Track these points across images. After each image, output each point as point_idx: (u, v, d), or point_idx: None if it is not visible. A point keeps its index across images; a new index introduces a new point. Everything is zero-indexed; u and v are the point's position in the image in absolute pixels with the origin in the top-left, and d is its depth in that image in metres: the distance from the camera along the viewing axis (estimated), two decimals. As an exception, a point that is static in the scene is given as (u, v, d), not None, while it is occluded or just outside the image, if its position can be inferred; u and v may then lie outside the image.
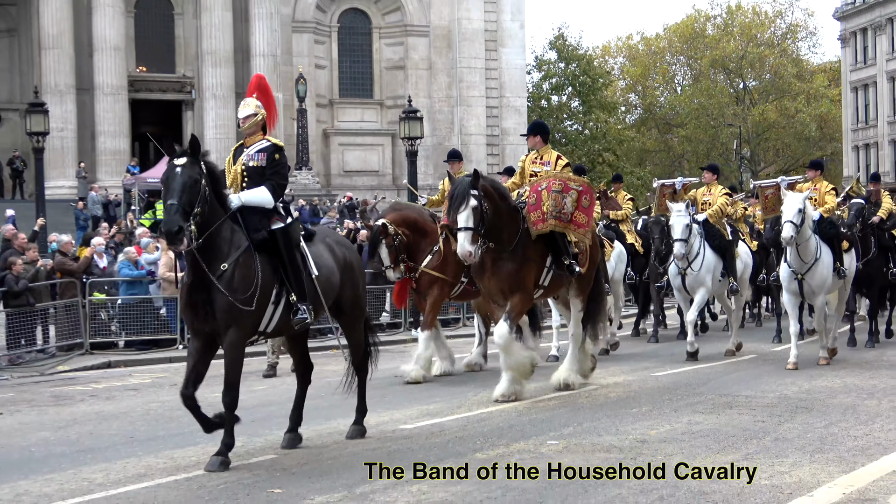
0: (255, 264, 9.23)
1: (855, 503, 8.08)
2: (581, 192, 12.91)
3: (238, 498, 8.72)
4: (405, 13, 43.45)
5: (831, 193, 17.21)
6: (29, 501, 8.78)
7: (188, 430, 12.21)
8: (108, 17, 37.98)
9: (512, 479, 9.11)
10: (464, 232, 11.91)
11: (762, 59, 72.28)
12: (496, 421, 12.29)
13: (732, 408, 12.80)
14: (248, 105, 9.99)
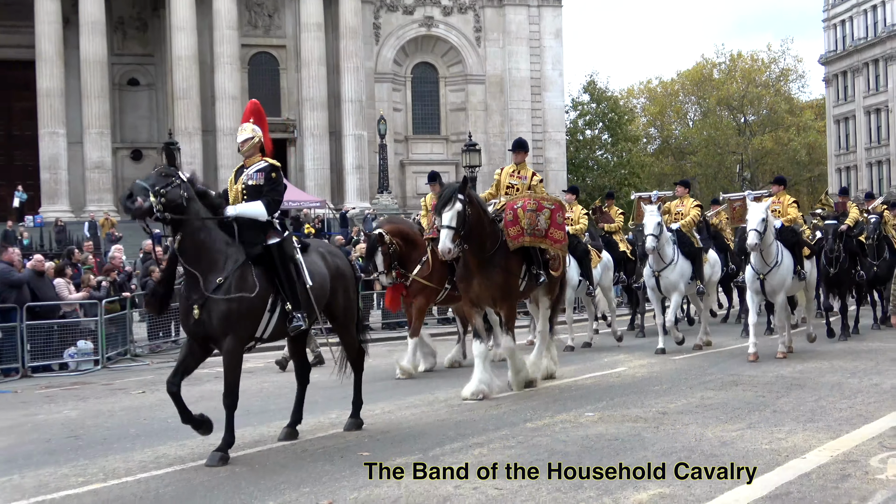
0: (251, 277, 8.60)
1: (841, 464, 8.02)
2: (554, 210, 12.21)
3: (334, 460, 8.74)
4: (466, 65, 43.51)
5: (793, 206, 16.49)
6: (166, 462, 8.91)
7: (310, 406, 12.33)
8: (226, 73, 38.38)
9: (556, 445, 9.10)
10: (446, 230, 11.13)
11: (760, 97, 72.36)
12: (542, 397, 12.32)
13: (738, 385, 12.76)
14: (245, 130, 9.32)
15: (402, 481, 7.84)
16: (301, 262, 9.11)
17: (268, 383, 14.67)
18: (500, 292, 11.83)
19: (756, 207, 14.76)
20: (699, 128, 72.38)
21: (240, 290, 8.40)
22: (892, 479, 7.47)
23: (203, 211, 8.52)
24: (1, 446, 10.27)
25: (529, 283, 12.32)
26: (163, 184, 8.14)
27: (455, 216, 11.09)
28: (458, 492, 7.43)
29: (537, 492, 7.35)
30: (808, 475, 7.68)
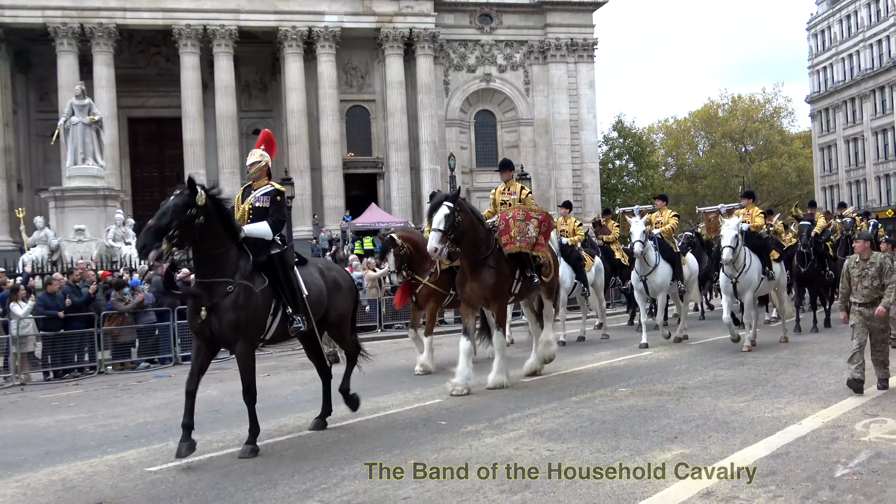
0: (256, 284, 7.84)
1: (831, 429, 7.93)
2: (541, 220, 11.18)
3: (417, 428, 8.77)
4: (517, 111, 43.46)
5: (760, 216, 15.55)
6: (287, 430, 9.02)
7: (384, 385, 12.39)
8: (329, 123, 38.76)
9: (596, 414, 9.06)
10: (434, 232, 10.13)
11: (757, 131, 71.69)
12: (583, 376, 12.26)
13: (743, 365, 12.57)
14: (254, 154, 8.55)
15: (474, 444, 7.87)
16: (297, 273, 8.35)
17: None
18: (491, 293, 10.78)
19: (729, 225, 13.92)
20: (707, 157, 71.71)
21: (247, 298, 7.66)
22: (874, 441, 7.38)
23: (220, 230, 7.70)
24: (160, 419, 10.49)
25: (524, 285, 11.22)
26: (178, 221, 7.27)
27: (443, 220, 10.10)
28: (517, 453, 7.44)
29: (581, 452, 7.33)
30: (804, 438, 7.59)
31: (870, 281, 9.45)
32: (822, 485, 6.11)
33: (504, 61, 43.43)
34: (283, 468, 7.28)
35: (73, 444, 9.07)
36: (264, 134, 9.01)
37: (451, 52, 42.56)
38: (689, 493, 6.02)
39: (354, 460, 7.41)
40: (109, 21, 36.86)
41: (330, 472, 7.05)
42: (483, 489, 6.30)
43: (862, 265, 9.59)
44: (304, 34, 38.64)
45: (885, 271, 9.44)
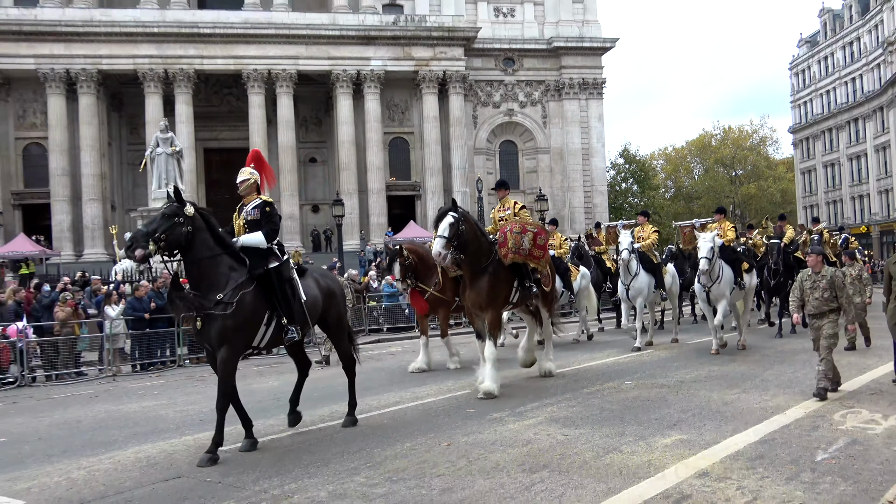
0: (247, 296, 7.16)
1: (812, 418, 7.79)
2: (536, 233, 10.32)
3: (450, 414, 8.74)
4: (536, 141, 43.41)
5: (731, 230, 14.94)
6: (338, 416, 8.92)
7: (421, 378, 12.39)
8: (374, 152, 38.95)
9: (605, 404, 8.99)
10: (439, 238, 9.45)
11: (745, 157, 71.08)
12: (594, 371, 12.13)
13: (734, 362, 12.38)
14: (243, 172, 7.88)
15: (498, 429, 7.84)
16: (297, 281, 7.76)
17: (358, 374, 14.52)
18: (487, 299, 9.89)
19: (705, 239, 13.16)
20: (702, 180, 71.10)
21: (236, 308, 6.99)
22: (851, 429, 7.25)
23: (209, 240, 7.15)
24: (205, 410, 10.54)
25: (523, 293, 10.41)
26: (164, 226, 6.85)
27: (447, 228, 9.43)
28: (536, 437, 7.40)
29: (592, 437, 7.27)
30: (788, 426, 7.48)
31: (820, 293, 8.84)
32: (804, 467, 6.02)
33: (524, 98, 43.42)
34: (334, 449, 7.31)
35: (156, 426, 9.16)
36: (253, 153, 8.40)
37: (479, 91, 42.63)
38: (687, 473, 5.95)
39: (395, 442, 7.41)
40: (189, 67, 37.39)
41: (374, 452, 7.06)
42: (507, 468, 6.28)
43: (814, 278, 8.97)
44: (353, 76, 38.92)
45: (836, 285, 8.83)
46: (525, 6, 43.57)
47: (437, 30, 39.77)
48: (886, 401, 8.55)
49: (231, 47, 37.81)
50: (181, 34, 37.18)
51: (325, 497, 5.71)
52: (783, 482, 5.65)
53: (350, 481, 6.10)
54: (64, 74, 36.44)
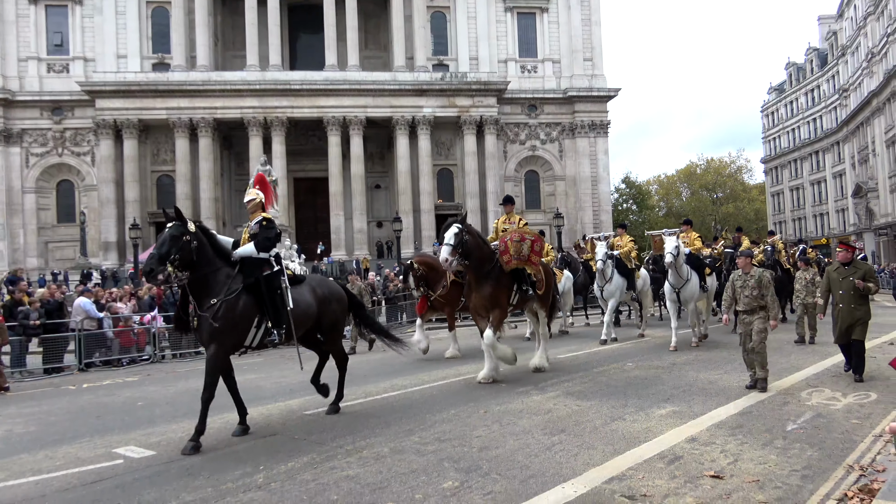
0: (239, 302, 6.38)
1: (783, 395, 7.56)
2: (534, 241, 9.49)
3: (485, 387, 8.65)
4: (554, 171, 43.05)
5: (698, 239, 14.03)
6: (399, 388, 8.94)
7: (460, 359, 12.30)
8: (425, 180, 39.03)
9: (611, 381, 8.82)
10: (446, 246, 8.72)
11: (725, 183, 69.61)
12: (601, 354, 11.90)
13: (717, 348, 12.04)
14: (250, 193, 7.30)
15: (524, 400, 7.74)
16: (286, 290, 6.79)
17: (378, 357, 14.18)
18: (491, 302, 9.09)
19: (669, 240, 12.36)
20: (689, 201, 69.58)
21: (227, 311, 6.25)
22: (815, 405, 6.99)
23: (210, 253, 6.41)
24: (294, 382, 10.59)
25: (521, 296, 9.52)
26: (176, 247, 6.10)
27: (453, 237, 8.69)
28: (555, 407, 7.29)
29: (601, 408, 7.14)
30: (763, 402, 7.24)
31: (750, 291, 8.04)
32: (777, 435, 5.82)
33: (545, 136, 43.10)
34: (394, 414, 7.29)
35: (255, 395, 9.25)
36: (258, 177, 7.49)
37: (508, 131, 42.44)
38: (679, 438, 5.80)
39: (442, 409, 7.37)
40: (282, 115, 38.00)
41: (426, 417, 7.03)
42: (532, 431, 6.20)
43: (744, 278, 8.17)
44: (409, 121, 39.11)
45: (763, 284, 8.01)
46: (545, 64, 43.36)
47: (475, 84, 39.77)
48: (845, 382, 8.23)
49: (315, 99, 38.33)
50: (277, 90, 37.83)
51: (387, 452, 5.70)
52: (759, 447, 5.47)
53: (406, 440, 6.08)
54: (188, 122, 37.39)
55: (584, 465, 5.12)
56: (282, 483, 5.00)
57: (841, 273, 8.49)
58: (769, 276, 8.16)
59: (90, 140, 38.56)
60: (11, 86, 37.89)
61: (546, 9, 43.56)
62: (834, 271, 8.64)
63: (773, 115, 71.04)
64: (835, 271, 8.62)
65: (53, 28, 39.07)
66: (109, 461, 5.88)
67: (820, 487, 4.54)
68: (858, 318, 8.26)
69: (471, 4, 42.27)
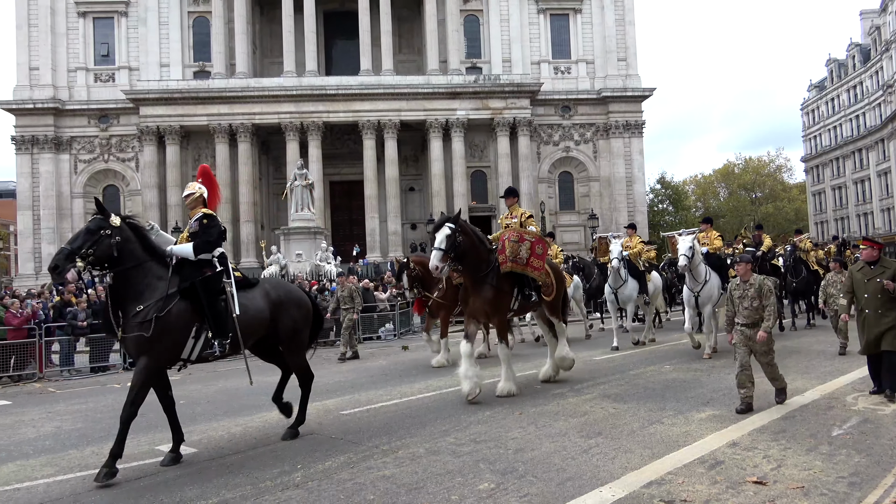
0: (171, 308, 5.51)
1: (827, 400, 7.28)
2: (534, 242, 8.37)
3: (521, 390, 8.57)
4: (588, 171, 42.50)
5: (718, 238, 12.74)
6: (433, 388, 8.90)
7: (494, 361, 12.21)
8: (459, 182, 38.98)
9: (648, 384, 8.64)
10: (436, 251, 7.68)
11: (764, 182, 67.92)
12: (639, 357, 11.67)
13: (757, 351, 11.67)
14: (191, 187, 6.31)
15: (560, 402, 7.65)
16: (232, 295, 5.93)
17: (382, 365, 14.17)
18: (491, 307, 8.07)
19: (683, 240, 11.26)
20: (727, 202, 68.04)
21: (158, 319, 5.40)
22: (862, 410, 6.73)
23: (139, 250, 5.63)
24: (349, 379, 10.68)
25: (524, 301, 8.43)
26: (91, 242, 5.38)
27: (444, 240, 7.63)
28: (591, 409, 7.18)
29: (638, 411, 7.00)
30: (806, 406, 7.01)
31: (749, 301, 7.01)
32: (822, 441, 5.62)
33: (579, 137, 42.67)
34: (430, 415, 7.28)
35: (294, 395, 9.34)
36: (202, 169, 6.77)
37: (542, 133, 42.12)
38: (720, 442, 5.65)
39: (478, 410, 7.33)
40: (319, 119, 38.45)
41: (461, 418, 7.00)
42: (568, 434, 6.11)
43: (743, 287, 7.11)
44: (443, 124, 39.16)
45: (763, 292, 6.98)
46: (579, 65, 42.94)
47: (508, 86, 39.62)
48: (893, 386, 7.90)
49: (350, 104, 38.68)
50: (313, 95, 38.29)
51: (423, 452, 5.68)
52: (804, 452, 5.29)
53: (442, 441, 6.05)
54: (227, 128, 38.11)
55: (621, 469, 5.02)
56: (319, 482, 5.02)
57: (866, 273, 7.32)
58: (770, 285, 7.15)
59: (134, 146, 39.62)
60: (61, 95, 39.19)
61: (579, 10, 43.17)
62: (858, 271, 7.47)
63: (813, 113, 69.24)
64: (859, 271, 7.45)
65: (100, 39, 40.29)
66: (153, 458, 5.99)
67: (868, 495, 4.36)
68: (888, 325, 7.03)
69: (504, 7, 42.14)
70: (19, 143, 38.80)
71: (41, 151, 38.91)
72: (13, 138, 38.92)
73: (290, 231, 27.29)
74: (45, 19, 39.25)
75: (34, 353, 13.18)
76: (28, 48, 39.01)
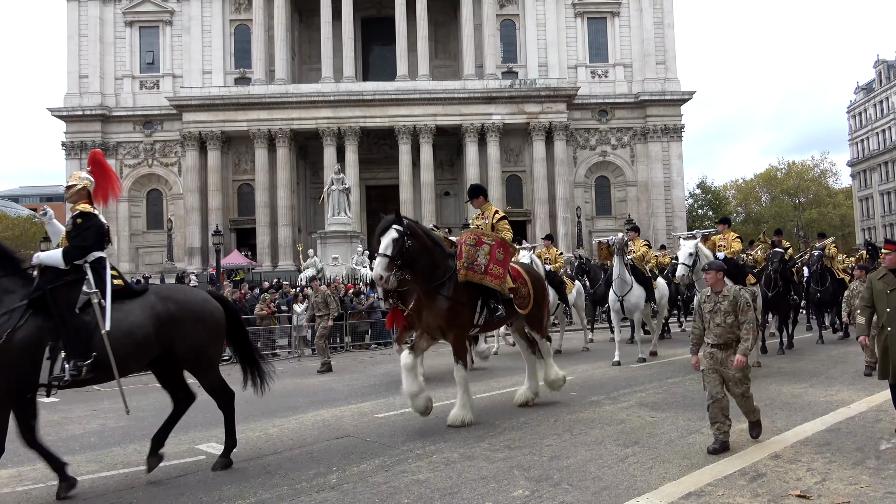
0: (20, 322, 4.66)
1: (875, 412, 7.01)
2: (493, 246, 7.07)
3: (555, 397, 8.46)
4: (625, 176, 42.02)
5: (737, 241, 11.11)
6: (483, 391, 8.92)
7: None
8: (494, 186, 38.89)
9: (687, 393, 8.47)
10: (380, 257, 6.50)
11: (808, 187, 65.88)
12: (676, 364, 11.43)
13: (801, 360, 11.39)
14: (73, 177, 5.35)
15: (596, 410, 7.55)
16: (102, 308, 4.91)
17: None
18: (445, 321, 6.81)
19: (684, 245, 9.90)
20: (769, 207, 66.24)
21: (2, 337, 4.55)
22: (913, 423, 6.43)
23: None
24: (384, 382, 10.66)
25: (489, 316, 7.08)
26: None
27: (390, 244, 6.49)
28: (628, 417, 7.07)
29: (676, 420, 6.87)
30: (853, 418, 6.77)
31: (722, 317, 5.74)
32: (868, 454, 5.42)
33: (616, 142, 42.22)
34: (464, 420, 7.24)
35: (328, 396, 9.43)
36: (91, 155, 5.61)
37: (578, 137, 41.81)
38: (761, 454, 5.50)
39: (512, 416, 7.28)
40: (355, 124, 38.89)
41: (496, 423, 6.96)
42: (604, 442, 6.03)
43: (714, 299, 5.85)
44: (478, 128, 39.19)
45: (739, 306, 5.72)
46: (616, 69, 42.50)
47: (544, 90, 39.44)
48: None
49: (386, 109, 39.01)
50: (350, 100, 38.75)
51: (457, 458, 5.67)
52: (850, 466, 5.11)
53: (476, 446, 6.03)
54: (266, 133, 38.83)
55: (659, 479, 4.92)
56: (354, 484, 5.05)
57: (889, 283, 5.87)
58: (748, 297, 5.92)
59: (177, 151, 40.66)
60: (109, 102, 40.48)
61: (617, 13, 42.74)
62: (879, 279, 5.98)
63: (860, 116, 67.22)
64: (880, 279, 5.97)
65: (146, 48, 41.51)
66: (192, 457, 6.11)
67: (920, 513, 4.19)
68: None
69: (540, 12, 41.99)
70: (69, 149, 40.19)
71: (89, 156, 40.28)
72: (63, 144, 40.35)
73: (327, 235, 27.61)
74: (95, 29, 40.62)
75: (81, 352, 13.54)
76: (78, 57, 40.41)
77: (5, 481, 5.54)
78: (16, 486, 5.40)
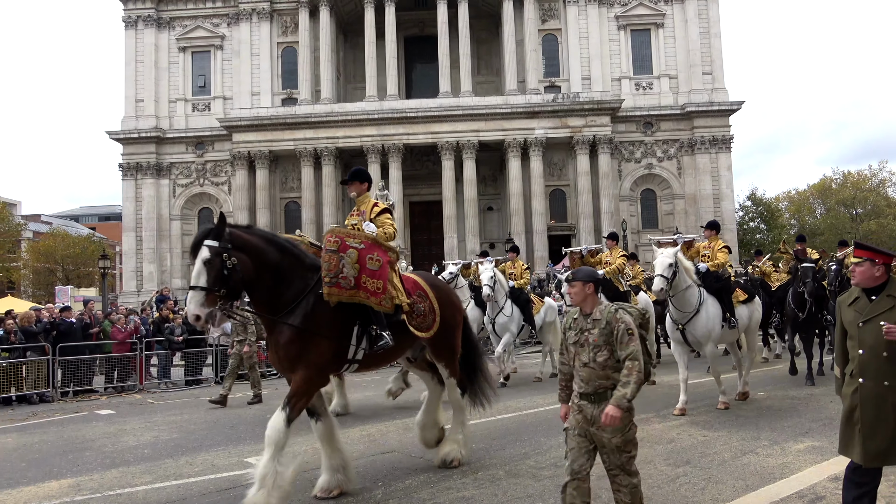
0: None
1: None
2: (362, 251, 5.24)
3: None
4: (672, 189, 41.24)
5: (723, 251, 9.25)
6: (512, 410, 8.73)
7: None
8: (537, 200, 38.68)
9: (740, 412, 8.18)
10: (192, 291, 4.56)
11: (865, 198, 63.37)
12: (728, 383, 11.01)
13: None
14: None
15: (645, 428, 7.37)
16: None
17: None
18: (287, 355, 4.88)
19: (664, 255, 8.21)
20: (824, 219, 63.96)
21: None
22: None
23: None
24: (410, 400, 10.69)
25: (371, 346, 5.20)
26: None
27: (202, 270, 4.55)
28: (678, 436, 6.89)
29: (729, 439, 6.65)
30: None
31: (591, 353, 3.80)
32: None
33: (661, 154, 41.54)
34: (508, 437, 7.20)
35: (374, 412, 9.48)
36: None
37: (623, 150, 41.31)
38: (820, 476, 5.28)
39: (558, 434, 7.16)
40: (399, 141, 39.38)
41: (541, 441, 6.89)
42: (654, 461, 5.88)
43: (581, 324, 3.88)
44: (521, 143, 39.15)
45: (617, 336, 3.73)
46: (661, 80, 41.96)
47: (588, 103, 39.20)
48: None
49: (429, 126, 39.40)
50: (393, 118, 39.31)
51: (502, 475, 5.62)
52: (919, 491, 4.85)
53: (522, 464, 5.97)
54: (312, 151, 39.70)
55: (712, 501, 4.78)
56: (399, 500, 5.06)
57: (862, 309, 3.73)
58: (629, 320, 3.81)
59: (227, 171, 41.93)
60: (163, 125, 42.13)
61: (661, 24, 42.30)
62: (849, 306, 3.83)
63: (922, 123, 64.32)
64: (850, 305, 3.82)
65: (198, 72, 43.12)
66: (242, 469, 6.22)
67: None
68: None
69: (582, 26, 41.88)
70: (125, 170, 41.91)
71: (144, 177, 41.83)
72: (120, 165, 42.09)
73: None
74: (150, 55, 42.42)
75: (136, 366, 14.05)
76: (135, 82, 42.24)
77: (65, 490, 5.76)
78: (74, 496, 5.60)
